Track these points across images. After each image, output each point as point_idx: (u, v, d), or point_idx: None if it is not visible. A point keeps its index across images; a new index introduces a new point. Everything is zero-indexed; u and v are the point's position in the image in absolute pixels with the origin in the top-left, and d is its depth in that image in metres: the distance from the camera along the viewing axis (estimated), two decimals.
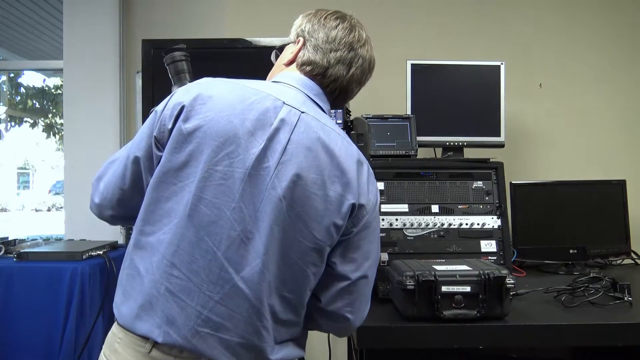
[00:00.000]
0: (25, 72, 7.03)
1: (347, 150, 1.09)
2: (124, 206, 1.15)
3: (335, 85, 1.17)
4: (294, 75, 1.17)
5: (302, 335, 1.15)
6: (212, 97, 1.06)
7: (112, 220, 1.20)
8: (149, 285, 1.03)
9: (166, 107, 1.08)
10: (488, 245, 1.82)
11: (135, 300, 1.04)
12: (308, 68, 1.16)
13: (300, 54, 1.18)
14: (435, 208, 1.85)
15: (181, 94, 1.09)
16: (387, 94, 2.45)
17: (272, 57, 1.29)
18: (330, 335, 2.49)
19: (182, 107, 1.06)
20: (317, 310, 1.13)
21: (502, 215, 1.85)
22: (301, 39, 1.18)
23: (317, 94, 1.15)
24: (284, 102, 1.08)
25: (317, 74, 1.16)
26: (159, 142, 1.07)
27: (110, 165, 1.16)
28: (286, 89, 1.13)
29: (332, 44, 1.15)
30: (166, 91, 1.47)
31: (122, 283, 1.09)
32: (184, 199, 1.03)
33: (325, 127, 1.09)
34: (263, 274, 1.02)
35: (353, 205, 1.06)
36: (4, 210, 12.67)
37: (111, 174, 1.15)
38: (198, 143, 1.03)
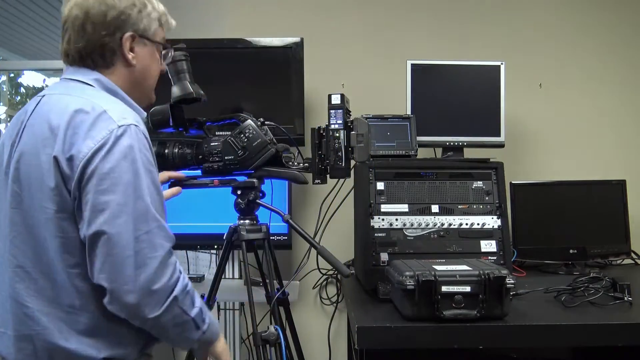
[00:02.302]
0: (25, 72, 7.03)
1: (64, 107, 1.04)
2: None
3: (70, 52, 1.16)
4: None
5: (100, 329, 1.05)
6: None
7: None
8: None
9: None
10: (488, 245, 1.81)
11: None
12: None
13: None
14: (435, 208, 1.85)
15: None
16: (387, 94, 2.45)
17: None
18: (330, 335, 2.50)
19: None
20: None
21: (502, 215, 1.85)
22: None
23: (73, 71, 1.16)
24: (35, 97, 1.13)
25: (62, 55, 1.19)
26: None
27: None
28: (54, 85, 1.19)
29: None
30: (166, 91, 1.48)
31: None
32: None
33: (62, 96, 1.09)
34: (10, 261, 1.06)
35: (55, 158, 1.00)
36: None
37: None
38: None
